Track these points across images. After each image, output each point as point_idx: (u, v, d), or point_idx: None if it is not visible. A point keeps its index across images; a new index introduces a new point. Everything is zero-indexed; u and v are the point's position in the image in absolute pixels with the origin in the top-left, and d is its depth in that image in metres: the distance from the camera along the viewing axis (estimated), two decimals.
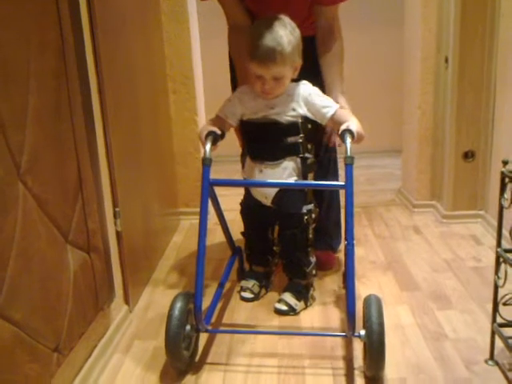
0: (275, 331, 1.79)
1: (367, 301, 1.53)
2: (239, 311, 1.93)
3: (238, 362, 1.63)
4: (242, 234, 2.04)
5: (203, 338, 1.72)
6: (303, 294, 1.92)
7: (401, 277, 2.15)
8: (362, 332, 1.49)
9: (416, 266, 2.24)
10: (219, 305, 1.92)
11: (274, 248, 2.02)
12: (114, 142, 1.76)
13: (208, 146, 1.64)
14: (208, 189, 1.63)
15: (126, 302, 1.90)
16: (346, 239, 1.53)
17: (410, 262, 2.29)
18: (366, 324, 1.46)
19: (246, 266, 2.11)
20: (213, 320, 1.80)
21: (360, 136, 1.64)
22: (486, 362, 1.59)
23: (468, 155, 2.63)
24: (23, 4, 1.21)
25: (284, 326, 1.83)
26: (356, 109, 1.81)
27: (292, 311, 1.88)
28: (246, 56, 1.67)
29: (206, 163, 1.62)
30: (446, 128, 2.69)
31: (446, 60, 2.63)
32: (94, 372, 1.55)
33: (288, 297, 1.91)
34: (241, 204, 1.97)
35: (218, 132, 1.68)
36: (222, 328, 1.83)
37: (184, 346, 1.52)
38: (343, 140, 1.61)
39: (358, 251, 2.39)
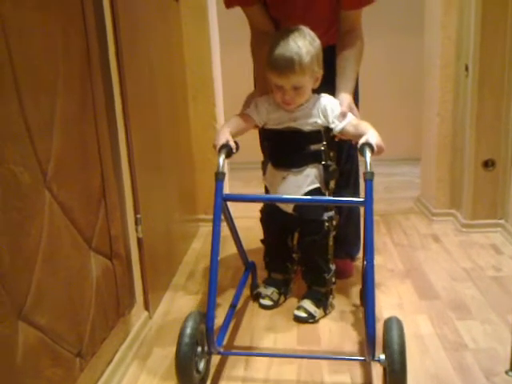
0: (291, 355, 1.73)
1: (388, 324, 1.46)
2: (258, 319, 1.93)
3: None
4: (262, 241, 2.04)
5: (216, 358, 1.68)
6: (322, 301, 1.92)
7: (420, 285, 2.15)
8: (382, 356, 1.43)
9: (435, 275, 2.23)
10: (233, 322, 1.88)
11: (294, 255, 2.02)
12: (136, 148, 1.78)
13: (221, 160, 1.60)
14: (221, 205, 1.57)
15: (146, 308, 1.92)
16: (365, 258, 1.48)
17: (428, 270, 2.28)
18: (387, 350, 1.39)
19: (265, 274, 2.09)
20: (227, 337, 1.79)
21: (380, 149, 1.59)
22: (506, 373, 1.57)
23: (488, 164, 2.61)
24: (50, 11, 1.23)
25: (302, 339, 1.81)
26: (374, 116, 1.81)
27: (311, 318, 1.88)
28: (266, 67, 1.68)
29: (219, 178, 1.58)
30: (466, 136, 2.67)
31: (466, 68, 2.62)
32: (114, 378, 1.57)
33: (307, 304, 1.91)
34: (261, 211, 1.97)
35: (233, 145, 1.64)
36: (235, 350, 1.77)
37: (195, 369, 1.47)
38: (362, 154, 1.56)
39: (377, 259, 2.37)
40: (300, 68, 1.63)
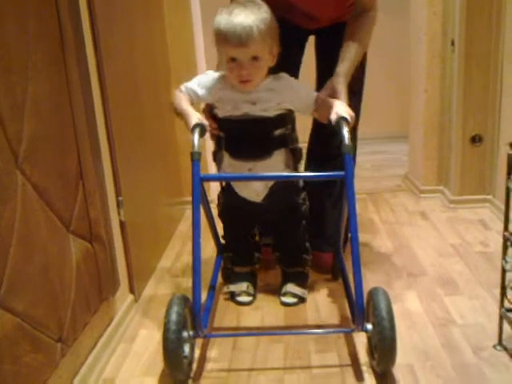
0: (278, 332, 1.72)
1: (373, 293, 1.46)
2: (231, 313, 1.86)
3: (238, 365, 1.56)
4: (223, 237, 1.93)
5: (203, 340, 1.66)
6: (305, 280, 1.90)
7: (407, 262, 2.14)
8: (369, 326, 1.45)
9: (423, 252, 2.22)
10: (218, 304, 1.88)
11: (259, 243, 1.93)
12: (116, 130, 1.74)
13: (196, 139, 1.49)
14: (199, 186, 1.49)
15: (131, 291, 1.89)
16: (349, 231, 1.46)
17: (416, 247, 2.27)
18: (376, 318, 1.40)
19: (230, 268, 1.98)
20: (215, 319, 1.79)
21: (352, 118, 1.52)
22: (494, 347, 1.57)
23: (475, 139, 2.60)
24: None
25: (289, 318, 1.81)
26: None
27: (301, 301, 1.86)
28: (218, 39, 1.52)
29: (195, 158, 1.48)
30: (453, 112, 2.66)
31: (453, 43, 2.60)
32: (99, 362, 1.55)
33: (293, 288, 1.87)
34: (219, 204, 1.85)
35: (206, 123, 1.55)
36: (220, 332, 1.75)
37: (183, 355, 1.44)
38: (339, 129, 1.48)
39: (364, 237, 2.37)
40: (259, 34, 1.48)
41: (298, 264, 1.89)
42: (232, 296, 1.91)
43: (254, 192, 1.73)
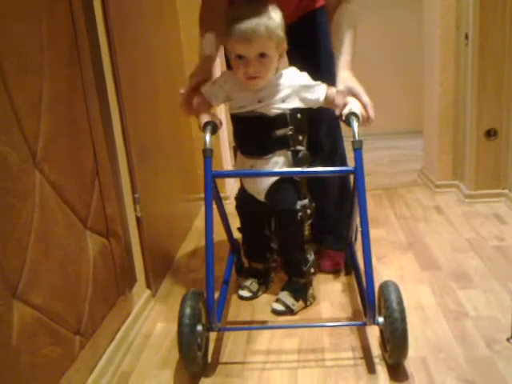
0: (291, 325, 1.74)
1: (384, 287, 1.48)
2: (245, 308, 1.89)
3: (252, 359, 1.59)
4: (239, 229, 1.96)
5: (219, 334, 1.69)
6: (301, 293, 1.82)
7: (422, 257, 2.14)
8: (380, 319, 1.47)
9: (437, 246, 2.22)
10: (232, 298, 1.92)
11: (272, 244, 1.93)
12: (131, 127, 1.78)
13: (207, 137, 1.54)
14: (211, 182, 1.53)
15: (148, 286, 1.93)
16: (360, 226, 1.47)
17: (431, 241, 2.27)
18: (387, 311, 1.42)
19: (245, 263, 2.03)
20: (229, 313, 1.82)
21: (367, 118, 1.52)
22: (507, 340, 1.57)
23: (491, 133, 2.59)
24: None
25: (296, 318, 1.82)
26: (375, 91, 1.75)
27: (289, 312, 1.79)
28: (226, 35, 1.54)
29: (207, 155, 1.52)
30: (468, 106, 2.64)
31: (466, 36, 2.59)
32: (117, 355, 1.58)
33: (285, 296, 1.82)
34: (236, 198, 1.89)
35: (217, 121, 1.58)
36: (235, 325, 1.78)
37: (198, 348, 1.47)
38: (349, 124, 1.49)
39: (379, 232, 2.38)
40: (266, 31, 1.50)
41: (295, 273, 1.84)
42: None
43: (256, 190, 1.76)
